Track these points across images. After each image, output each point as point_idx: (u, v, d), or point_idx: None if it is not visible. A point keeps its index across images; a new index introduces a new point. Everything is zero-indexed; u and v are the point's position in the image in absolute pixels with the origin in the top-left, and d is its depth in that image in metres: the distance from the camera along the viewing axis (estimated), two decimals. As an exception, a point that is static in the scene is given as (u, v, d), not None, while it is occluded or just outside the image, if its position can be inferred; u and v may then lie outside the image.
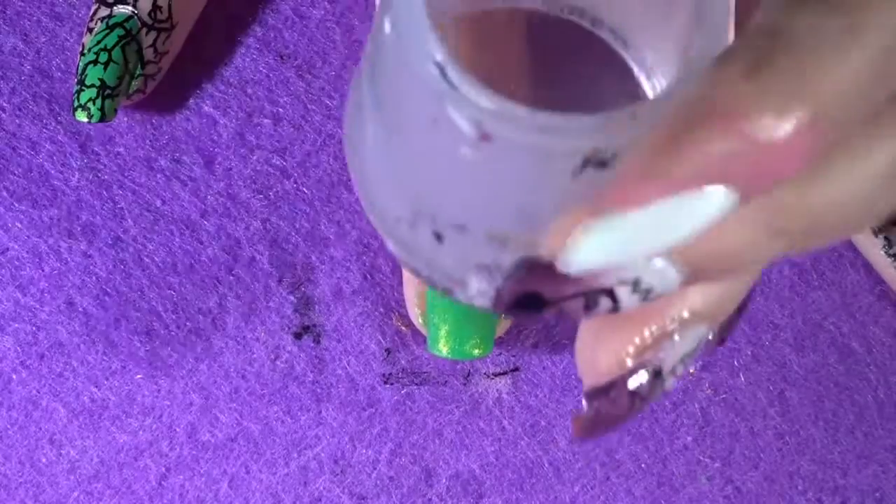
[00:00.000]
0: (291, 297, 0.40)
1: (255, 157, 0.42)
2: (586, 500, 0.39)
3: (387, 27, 0.29)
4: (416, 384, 0.40)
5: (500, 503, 0.39)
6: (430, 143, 0.29)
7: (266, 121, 0.42)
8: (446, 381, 0.39)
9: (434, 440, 0.39)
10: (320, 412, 0.39)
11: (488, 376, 0.40)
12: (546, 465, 0.38)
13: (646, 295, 0.28)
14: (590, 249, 0.26)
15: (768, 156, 0.25)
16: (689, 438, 0.39)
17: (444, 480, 0.39)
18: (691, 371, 0.40)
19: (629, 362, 0.31)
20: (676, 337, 0.31)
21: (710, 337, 0.32)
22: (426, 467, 0.39)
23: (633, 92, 0.34)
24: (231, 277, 0.41)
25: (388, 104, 0.31)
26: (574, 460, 0.39)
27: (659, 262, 0.28)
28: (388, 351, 0.40)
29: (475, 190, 0.30)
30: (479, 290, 0.32)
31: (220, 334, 0.40)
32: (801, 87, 0.25)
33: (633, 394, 0.31)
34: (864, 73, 0.25)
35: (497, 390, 0.40)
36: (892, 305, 0.41)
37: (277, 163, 0.42)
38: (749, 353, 0.40)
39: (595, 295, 0.28)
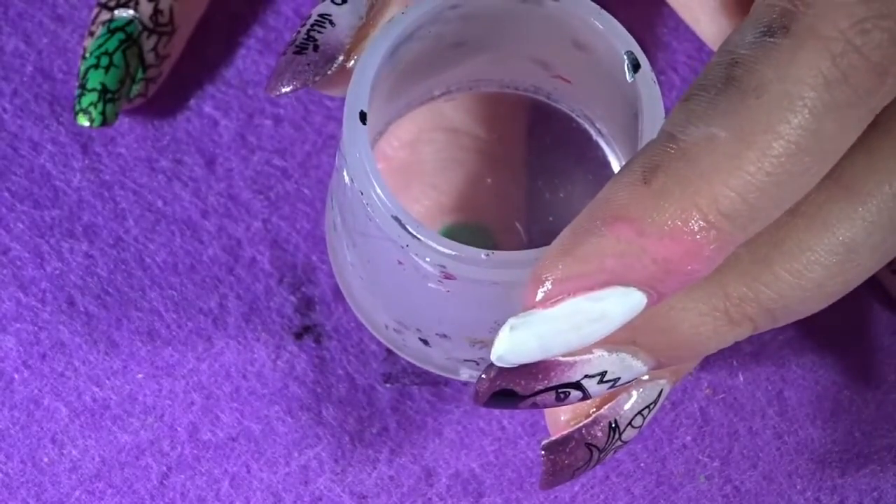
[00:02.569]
0: (292, 298, 0.41)
1: (255, 158, 0.42)
2: (586, 499, 0.39)
3: (347, 179, 0.31)
4: (416, 384, 0.40)
5: (500, 502, 0.39)
6: (399, 278, 0.31)
7: (267, 122, 0.42)
8: (446, 382, 0.40)
9: (434, 440, 0.39)
10: (320, 412, 0.39)
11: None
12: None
13: (613, 384, 0.30)
14: (511, 346, 0.27)
15: (667, 256, 0.27)
16: (688, 438, 0.39)
17: (443, 480, 0.39)
18: (690, 371, 0.40)
19: (584, 417, 0.32)
20: (634, 392, 0.32)
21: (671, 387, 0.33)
22: (426, 467, 0.39)
23: (594, 156, 0.35)
24: (232, 278, 0.41)
25: (359, 243, 0.32)
26: (573, 460, 0.39)
27: (622, 355, 0.29)
28: (388, 351, 0.40)
29: (448, 312, 0.32)
30: (470, 377, 0.34)
31: (221, 334, 0.40)
32: (697, 192, 0.26)
33: (591, 445, 0.32)
34: (761, 176, 0.26)
35: (497, 390, 0.40)
36: (890, 305, 0.41)
37: (278, 163, 0.42)
38: (748, 352, 0.40)
39: (564, 388, 0.29)
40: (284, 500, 0.39)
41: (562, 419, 0.33)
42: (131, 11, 0.40)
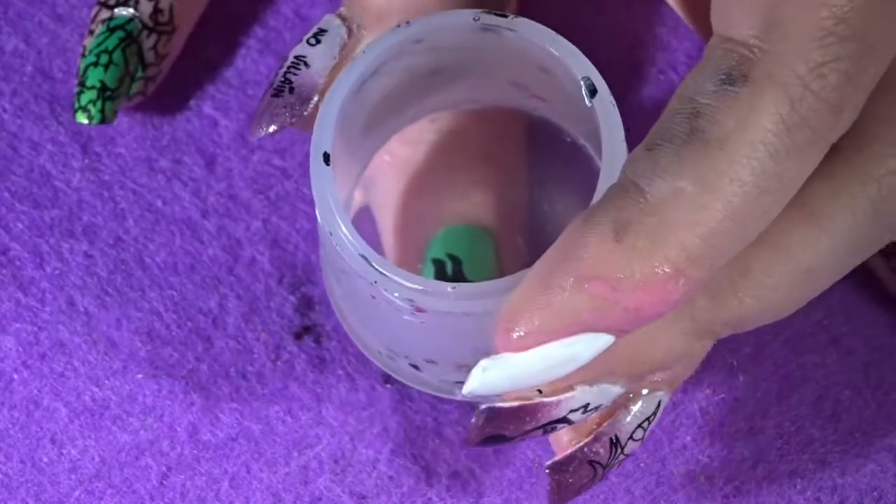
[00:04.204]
0: (292, 298, 0.41)
1: (255, 158, 0.42)
2: (586, 499, 0.39)
3: (319, 218, 0.31)
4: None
5: (500, 502, 0.39)
6: (377, 310, 0.32)
7: (266, 121, 0.42)
8: (446, 382, 0.40)
9: (434, 440, 0.39)
10: (320, 412, 0.39)
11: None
12: (546, 464, 0.38)
13: (596, 409, 0.31)
14: (483, 384, 0.29)
15: (639, 305, 0.28)
16: (688, 438, 0.39)
17: (443, 480, 0.39)
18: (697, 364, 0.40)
19: (586, 435, 0.33)
20: (633, 406, 0.33)
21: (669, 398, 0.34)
22: (426, 467, 0.39)
23: (586, 166, 0.36)
24: (232, 277, 0.41)
25: (340, 278, 0.33)
26: (573, 460, 0.39)
27: (602, 386, 0.31)
28: (387, 351, 0.40)
29: (428, 341, 0.33)
30: (464, 396, 0.34)
31: (221, 334, 0.40)
32: (666, 243, 0.28)
33: (594, 462, 0.33)
34: (727, 221, 0.28)
35: (497, 390, 0.40)
36: (890, 305, 0.41)
37: (278, 163, 0.42)
38: (748, 352, 0.40)
39: (551, 424, 0.31)
40: (284, 501, 0.39)
41: (564, 439, 0.33)
42: (131, 10, 0.40)
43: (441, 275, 0.36)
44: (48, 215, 0.41)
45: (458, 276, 0.36)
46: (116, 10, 0.40)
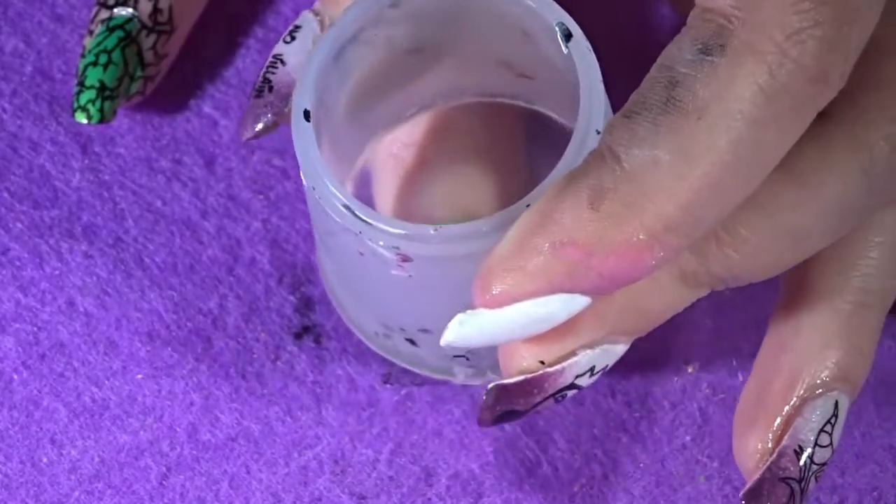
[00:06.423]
0: (292, 298, 0.41)
1: (255, 158, 0.42)
2: (585, 499, 0.39)
3: (304, 180, 0.32)
4: (416, 384, 0.40)
5: (500, 502, 0.39)
6: (365, 271, 0.32)
7: (266, 121, 0.42)
8: (446, 381, 0.40)
9: (434, 440, 0.39)
10: (320, 412, 0.39)
11: (488, 376, 0.40)
12: (545, 464, 0.38)
13: (603, 370, 0.32)
14: (458, 336, 0.29)
15: (614, 271, 0.28)
16: (688, 438, 0.39)
17: (443, 480, 0.39)
18: (690, 370, 0.40)
19: (768, 455, 0.34)
20: (809, 413, 0.33)
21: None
22: (426, 467, 0.39)
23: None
24: (231, 278, 0.41)
25: (328, 244, 0.33)
26: (572, 460, 0.39)
27: (604, 347, 0.31)
28: (387, 351, 0.40)
29: (419, 301, 0.33)
30: (466, 376, 0.35)
31: (221, 334, 0.40)
32: (643, 211, 0.28)
33: (787, 479, 0.34)
34: (704, 191, 0.27)
35: (496, 390, 0.40)
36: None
37: (278, 163, 0.42)
38: (747, 352, 0.40)
39: (560, 392, 0.31)
40: (284, 501, 0.39)
41: (750, 463, 0.34)
42: (130, 10, 0.40)
43: None
44: (48, 215, 0.41)
45: None
46: (116, 10, 0.40)
